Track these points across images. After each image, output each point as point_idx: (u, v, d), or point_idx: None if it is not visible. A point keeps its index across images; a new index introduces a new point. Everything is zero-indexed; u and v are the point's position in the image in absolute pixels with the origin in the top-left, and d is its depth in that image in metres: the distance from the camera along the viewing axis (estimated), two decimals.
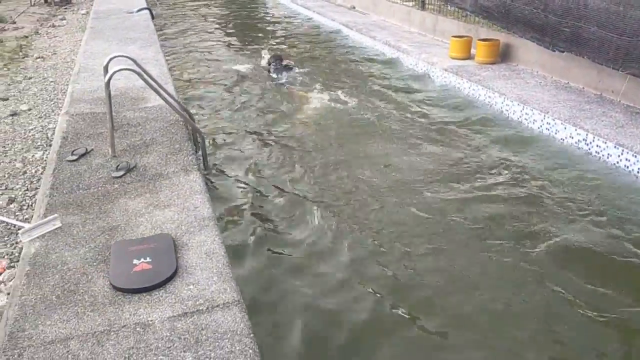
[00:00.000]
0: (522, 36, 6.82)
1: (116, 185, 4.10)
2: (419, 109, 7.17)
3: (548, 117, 6.16)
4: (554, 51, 6.44)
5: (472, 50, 8.66)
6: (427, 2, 10.73)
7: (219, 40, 11.92)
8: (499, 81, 7.43)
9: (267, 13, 15.65)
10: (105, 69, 4.59)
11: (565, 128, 5.95)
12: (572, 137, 5.85)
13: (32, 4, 14.89)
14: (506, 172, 5.36)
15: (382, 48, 10.18)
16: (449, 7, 8.83)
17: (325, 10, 14.03)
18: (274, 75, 8.66)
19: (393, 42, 9.99)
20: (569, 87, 7.10)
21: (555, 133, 6.06)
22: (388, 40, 10.16)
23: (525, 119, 6.48)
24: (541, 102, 6.54)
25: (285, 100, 7.62)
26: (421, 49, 9.39)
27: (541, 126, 6.25)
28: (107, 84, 4.41)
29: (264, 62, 9.45)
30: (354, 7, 14.11)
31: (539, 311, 3.49)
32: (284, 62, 8.99)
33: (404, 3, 11.64)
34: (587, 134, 5.68)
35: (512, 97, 6.75)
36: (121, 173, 4.26)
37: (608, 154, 5.44)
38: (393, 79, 8.55)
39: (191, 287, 2.90)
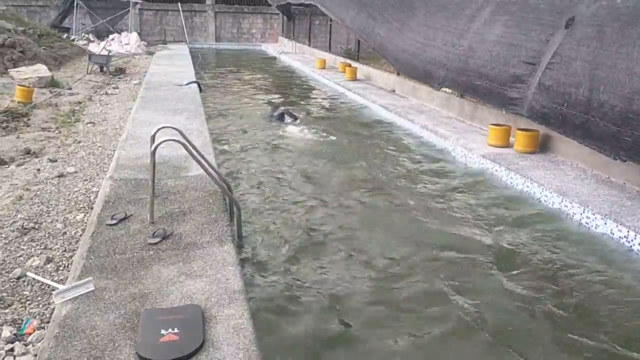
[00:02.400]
0: (582, 143, 6.82)
1: (151, 252, 4.15)
2: (456, 196, 7.15)
3: (588, 211, 6.06)
4: (615, 160, 6.41)
5: (511, 139, 8.70)
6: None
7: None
8: (538, 171, 7.39)
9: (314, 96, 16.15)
10: (153, 138, 4.77)
11: (605, 223, 5.82)
12: (613, 234, 5.71)
13: (89, 72, 15.76)
14: (541, 265, 5.23)
15: (420, 132, 10.32)
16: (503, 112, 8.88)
17: (366, 92, 14.41)
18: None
19: (431, 127, 10.13)
20: (609, 182, 7.01)
21: (595, 228, 5.93)
22: (426, 125, 10.31)
23: (564, 210, 6.38)
24: (581, 195, 6.46)
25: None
26: (459, 135, 9.48)
27: (580, 220, 6.13)
28: (153, 152, 4.57)
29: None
30: (394, 91, 14.47)
31: None
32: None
33: (444, 90, 11.89)
34: (628, 231, 5.54)
35: (551, 189, 6.69)
36: (157, 240, 4.33)
37: None
38: (430, 161, 8.61)
39: None
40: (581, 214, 6.14)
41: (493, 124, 8.99)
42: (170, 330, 3.06)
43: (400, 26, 12.06)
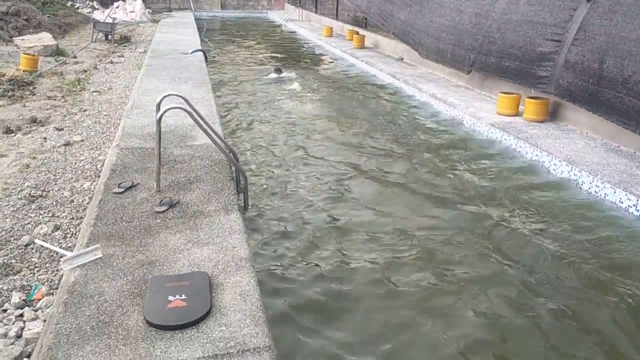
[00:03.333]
0: (608, 119, 6.72)
1: (158, 220, 4.15)
2: (462, 165, 7.11)
3: (597, 180, 6.00)
4: None
5: (521, 108, 8.60)
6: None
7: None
8: (547, 140, 7.32)
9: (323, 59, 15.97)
10: (158, 106, 4.72)
11: (614, 192, 5.77)
12: (622, 202, 5.67)
13: (94, 40, 15.63)
14: (549, 240, 5.20)
15: (428, 100, 10.21)
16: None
17: (374, 60, 14.24)
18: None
19: (440, 95, 10.01)
20: (619, 151, 6.93)
21: (604, 197, 5.89)
22: (434, 93, 10.20)
23: (573, 179, 6.33)
24: (590, 164, 6.39)
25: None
26: (468, 104, 9.37)
27: (589, 188, 6.08)
28: (159, 121, 4.53)
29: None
30: (402, 59, 14.28)
31: None
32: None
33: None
34: (637, 200, 5.50)
35: (560, 157, 6.62)
36: (164, 208, 4.32)
37: None
38: (439, 131, 8.54)
39: (223, 328, 2.87)
40: (590, 182, 6.09)
41: (503, 92, 8.87)
42: (177, 296, 3.07)
43: (421, 9, 11.79)
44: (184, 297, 3.07)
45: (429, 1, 11.53)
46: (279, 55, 16.22)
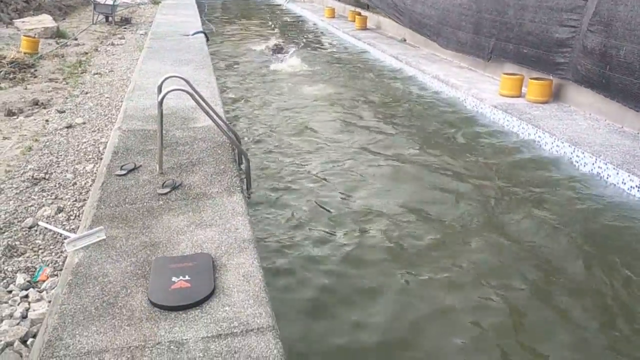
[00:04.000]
0: (627, 106, 6.62)
1: (161, 202, 4.17)
2: (464, 143, 7.10)
3: (600, 161, 5.99)
4: None
5: (524, 89, 8.55)
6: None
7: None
8: (550, 121, 7.29)
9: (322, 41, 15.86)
10: (159, 88, 4.71)
11: (617, 173, 5.76)
12: (625, 183, 5.66)
13: (94, 22, 15.54)
14: (549, 215, 5.21)
15: (431, 82, 10.16)
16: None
17: (376, 42, 14.14)
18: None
19: (442, 77, 9.96)
20: (623, 132, 6.90)
21: (607, 177, 5.88)
22: (437, 75, 10.14)
23: (576, 161, 6.31)
24: (593, 145, 6.38)
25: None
26: (471, 85, 9.32)
27: (592, 170, 6.07)
28: (160, 102, 4.52)
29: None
30: (405, 40, 14.17)
31: None
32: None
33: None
34: None
35: (562, 139, 6.60)
36: (166, 190, 4.33)
37: None
38: (441, 112, 8.51)
39: (227, 308, 2.90)
40: (593, 164, 6.08)
41: (506, 73, 8.81)
42: (181, 277, 3.09)
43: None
44: (187, 278, 3.09)
45: None
46: (280, 39, 16.10)
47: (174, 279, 3.08)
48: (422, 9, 12.18)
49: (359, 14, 17.23)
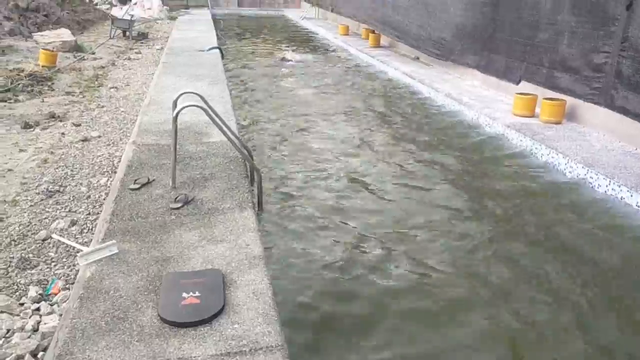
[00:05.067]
0: None
1: (173, 217, 4.19)
2: (479, 163, 7.07)
3: (613, 183, 5.94)
4: None
5: (537, 109, 8.53)
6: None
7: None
8: (564, 142, 7.25)
9: (339, 61, 15.94)
10: (175, 103, 4.77)
11: (631, 196, 5.71)
12: (639, 206, 5.61)
13: (112, 36, 15.78)
14: (565, 235, 5.16)
15: (444, 100, 10.16)
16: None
17: (389, 59, 14.20)
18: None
19: (455, 95, 9.97)
20: (637, 154, 6.85)
21: (621, 200, 5.83)
22: (450, 93, 10.15)
23: (590, 182, 6.27)
24: (607, 166, 6.33)
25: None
26: (484, 104, 9.32)
27: (606, 191, 6.02)
28: (175, 118, 4.57)
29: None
30: (418, 58, 14.22)
31: None
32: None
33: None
34: None
35: (576, 160, 6.56)
36: (179, 205, 4.36)
37: None
38: (452, 131, 8.50)
39: (236, 326, 2.90)
40: (607, 185, 6.03)
41: (519, 93, 8.80)
42: (192, 293, 3.10)
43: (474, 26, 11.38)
44: (197, 294, 3.10)
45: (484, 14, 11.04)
46: (294, 53, 16.22)
47: (184, 294, 3.09)
48: (452, 37, 12.03)
49: (373, 31, 17.33)
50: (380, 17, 16.63)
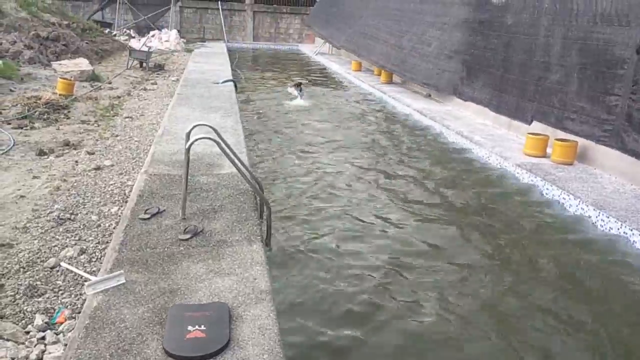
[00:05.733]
0: None
1: (181, 248, 4.20)
2: (489, 204, 7.05)
3: (625, 227, 5.89)
4: None
5: (548, 150, 8.52)
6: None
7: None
8: (575, 183, 7.22)
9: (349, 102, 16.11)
10: (188, 135, 4.82)
11: None
12: None
13: (128, 67, 16.07)
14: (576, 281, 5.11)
15: (455, 137, 10.20)
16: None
17: (401, 96, 14.32)
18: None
19: (466, 133, 10.00)
20: None
21: (633, 243, 5.76)
22: (461, 131, 10.19)
23: (601, 225, 6.22)
24: (619, 209, 6.29)
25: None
26: (495, 143, 9.34)
27: (618, 234, 5.97)
28: (188, 150, 4.62)
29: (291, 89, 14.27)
30: (429, 95, 14.33)
31: None
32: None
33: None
34: None
35: (587, 202, 6.52)
36: (188, 236, 4.37)
37: None
38: (462, 168, 8.51)
39: None
40: (618, 229, 5.98)
41: (530, 133, 8.82)
42: (197, 327, 3.08)
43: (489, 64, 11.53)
44: (203, 327, 3.08)
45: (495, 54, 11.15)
46: (304, 87, 16.43)
47: (189, 327, 3.07)
48: (468, 76, 12.16)
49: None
50: (394, 59, 16.77)
